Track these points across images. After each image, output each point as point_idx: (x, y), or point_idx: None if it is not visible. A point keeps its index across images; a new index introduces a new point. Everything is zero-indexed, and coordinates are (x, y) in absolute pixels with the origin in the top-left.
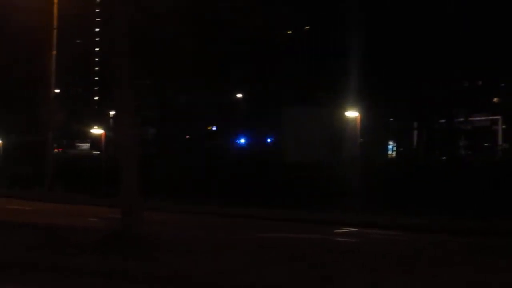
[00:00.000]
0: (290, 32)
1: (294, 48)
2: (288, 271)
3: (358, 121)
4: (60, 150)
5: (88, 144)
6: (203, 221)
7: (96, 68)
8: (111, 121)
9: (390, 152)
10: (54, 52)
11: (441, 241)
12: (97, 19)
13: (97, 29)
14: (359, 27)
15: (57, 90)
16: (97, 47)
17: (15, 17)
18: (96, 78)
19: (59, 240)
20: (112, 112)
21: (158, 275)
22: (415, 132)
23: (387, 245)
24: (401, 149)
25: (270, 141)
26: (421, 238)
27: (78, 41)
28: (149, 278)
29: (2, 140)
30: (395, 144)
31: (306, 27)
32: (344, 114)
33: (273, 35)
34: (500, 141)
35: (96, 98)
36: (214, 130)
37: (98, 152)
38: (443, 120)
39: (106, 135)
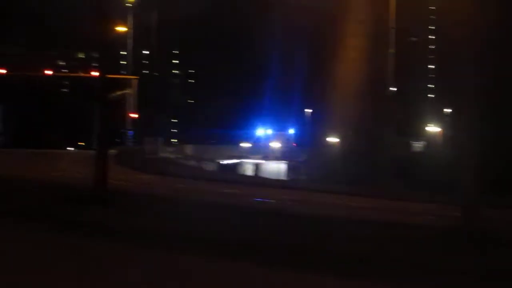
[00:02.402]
0: None
1: None
2: None
3: None
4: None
5: (423, 143)
6: None
7: (431, 66)
8: (447, 119)
9: None
10: (392, 50)
11: None
12: (431, 16)
13: (431, 27)
14: None
15: (393, 88)
16: (432, 44)
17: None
18: (432, 75)
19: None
20: (447, 110)
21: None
22: None
23: None
24: None
25: None
26: None
27: (413, 38)
28: (493, 276)
29: (340, 138)
30: None
31: None
32: None
33: None
34: None
35: (431, 95)
36: None
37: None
38: None
39: (442, 133)
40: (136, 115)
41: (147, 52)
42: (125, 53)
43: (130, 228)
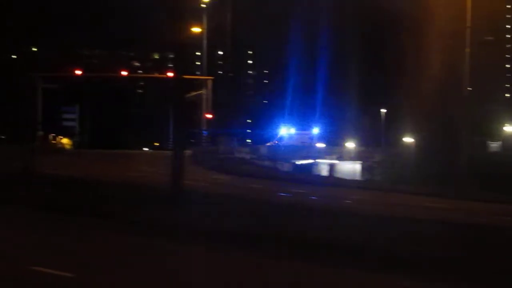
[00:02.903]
0: None
1: None
2: None
3: None
4: None
5: (499, 143)
6: None
7: (507, 66)
8: None
9: None
10: (468, 49)
11: None
12: (507, 16)
13: (508, 26)
14: None
15: (469, 88)
16: (508, 43)
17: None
18: (508, 75)
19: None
20: None
21: None
22: None
23: None
24: None
25: None
26: None
27: (489, 38)
28: None
29: (415, 138)
30: None
31: None
32: None
33: None
34: None
35: (507, 95)
36: None
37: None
38: None
39: None
40: (211, 116)
41: (222, 53)
42: (200, 54)
43: (205, 229)
